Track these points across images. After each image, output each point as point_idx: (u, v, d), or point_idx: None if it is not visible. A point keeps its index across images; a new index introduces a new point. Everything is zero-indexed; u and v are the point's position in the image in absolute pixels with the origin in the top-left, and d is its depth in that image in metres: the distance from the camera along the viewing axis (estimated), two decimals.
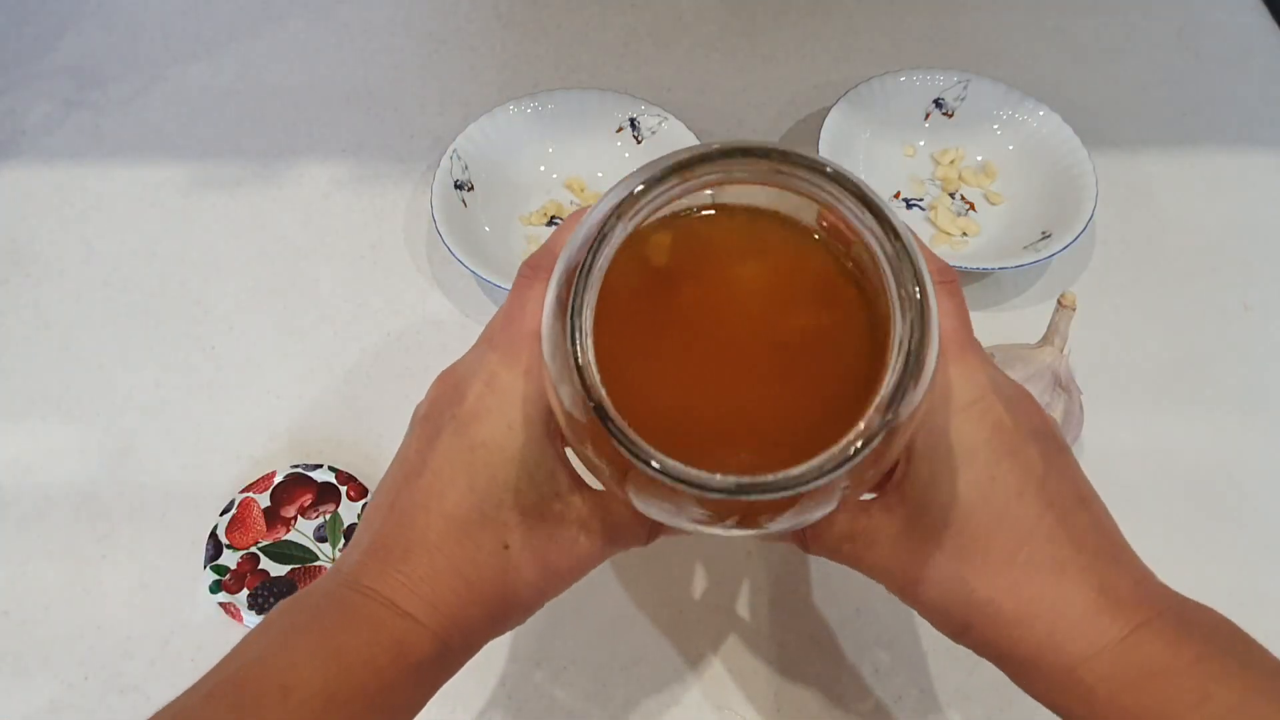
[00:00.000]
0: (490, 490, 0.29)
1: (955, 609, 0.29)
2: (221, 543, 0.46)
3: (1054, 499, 0.28)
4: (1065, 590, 0.28)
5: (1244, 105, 0.65)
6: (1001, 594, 0.28)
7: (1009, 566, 0.28)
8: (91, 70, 0.66)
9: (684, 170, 0.23)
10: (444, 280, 0.56)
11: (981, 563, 0.28)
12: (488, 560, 0.29)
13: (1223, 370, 0.53)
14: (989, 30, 0.70)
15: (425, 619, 0.28)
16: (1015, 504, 0.28)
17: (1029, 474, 0.28)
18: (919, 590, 0.30)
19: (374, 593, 0.28)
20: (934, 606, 0.30)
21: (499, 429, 0.29)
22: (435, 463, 0.30)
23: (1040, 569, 0.28)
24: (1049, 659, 0.28)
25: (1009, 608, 0.28)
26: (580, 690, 0.43)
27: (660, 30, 0.69)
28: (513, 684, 0.43)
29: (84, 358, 0.53)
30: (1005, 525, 0.28)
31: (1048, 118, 0.59)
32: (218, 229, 0.58)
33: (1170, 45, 0.69)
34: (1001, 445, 0.28)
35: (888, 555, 0.30)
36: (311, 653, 0.27)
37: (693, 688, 0.43)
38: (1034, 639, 0.28)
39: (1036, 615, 0.28)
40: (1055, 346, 0.47)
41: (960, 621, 0.29)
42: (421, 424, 0.31)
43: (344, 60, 0.67)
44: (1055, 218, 0.55)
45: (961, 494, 0.28)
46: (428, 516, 0.29)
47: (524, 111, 0.59)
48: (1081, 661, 0.27)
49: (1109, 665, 0.27)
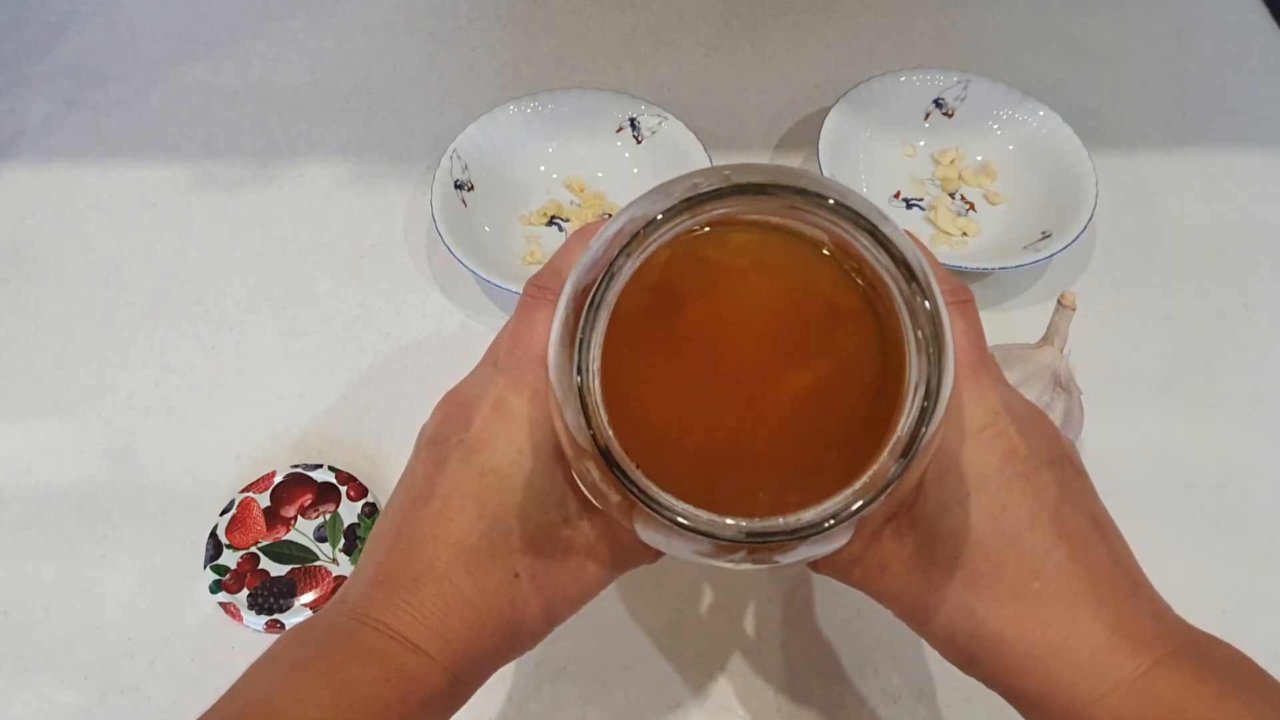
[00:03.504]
0: (499, 518, 0.28)
1: (963, 640, 0.28)
2: (221, 543, 0.46)
3: (1067, 528, 0.28)
4: (1078, 625, 0.27)
5: (1244, 105, 0.65)
6: (1011, 627, 0.27)
7: (1019, 599, 0.27)
8: (91, 70, 0.66)
9: (695, 207, 0.23)
10: (444, 280, 0.56)
11: (991, 594, 0.27)
12: (497, 590, 0.28)
13: (1223, 370, 0.53)
14: (989, 30, 0.70)
15: (435, 653, 0.28)
16: (1027, 533, 0.27)
17: (1042, 502, 0.28)
18: (927, 619, 0.29)
19: (382, 625, 0.28)
20: (942, 636, 0.29)
21: (508, 455, 0.29)
22: (442, 490, 0.29)
23: (1052, 602, 0.27)
24: (1060, 698, 0.27)
25: (1018, 642, 0.27)
26: (580, 690, 0.43)
27: (660, 30, 0.69)
28: (513, 684, 0.43)
29: (84, 358, 0.53)
30: (1016, 555, 0.27)
31: (1048, 118, 0.59)
32: (218, 229, 0.58)
33: (1170, 45, 0.69)
34: (1013, 472, 0.28)
35: (897, 582, 0.29)
36: (319, 690, 0.26)
37: (693, 688, 0.43)
38: (1044, 674, 0.27)
39: (1047, 651, 0.27)
40: (1055, 346, 0.47)
41: (968, 654, 0.28)
42: (428, 448, 0.30)
43: (344, 60, 0.67)
44: (1055, 218, 0.55)
45: (973, 522, 0.28)
46: (436, 545, 0.28)
47: (524, 111, 0.59)
48: (1095, 700, 0.26)
49: (1123, 703, 0.26)
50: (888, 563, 0.29)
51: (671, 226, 0.23)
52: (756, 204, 0.23)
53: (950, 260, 0.53)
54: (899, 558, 0.29)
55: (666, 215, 0.22)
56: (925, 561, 0.28)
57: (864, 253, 0.23)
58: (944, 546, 0.28)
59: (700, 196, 0.22)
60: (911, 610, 0.29)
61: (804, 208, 0.23)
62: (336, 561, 0.45)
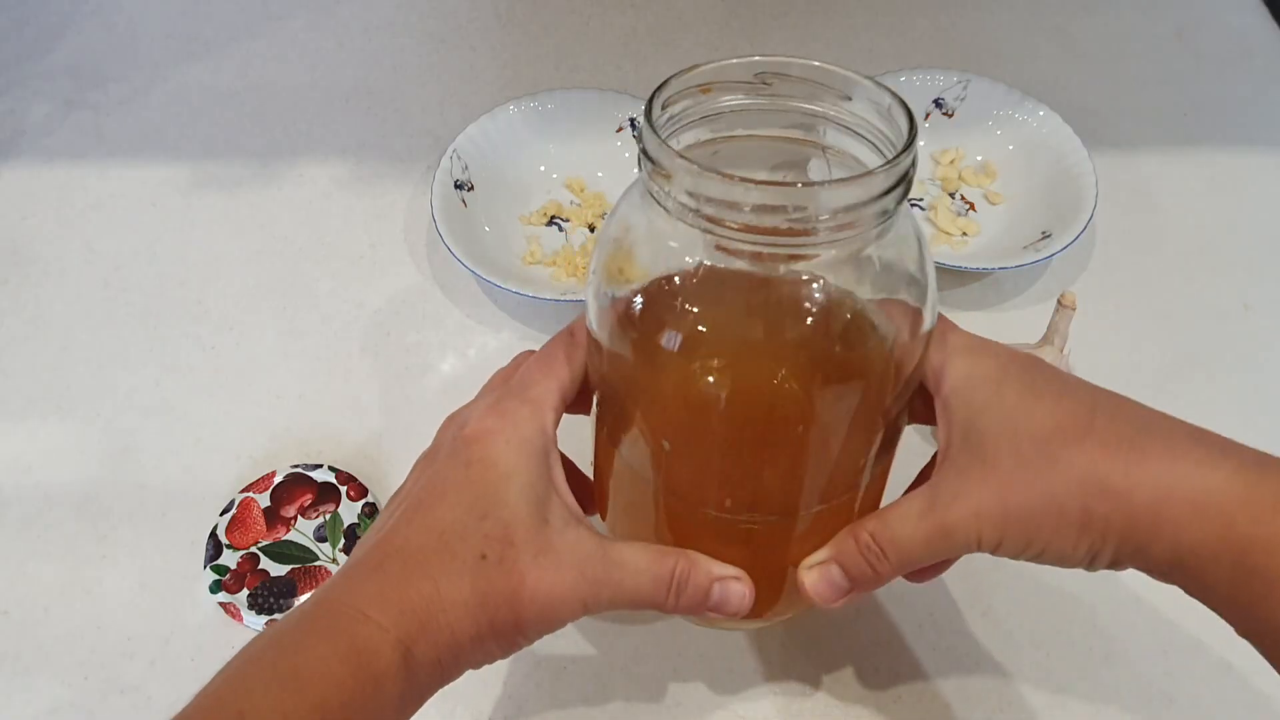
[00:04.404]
0: (476, 502, 0.29)
1: (1063, 494, 0.27)
2: (221, 543, 0.46)
3: (1090, 387, 0.30)
4: (1159, 436, 0.27)
5: (1244, 105, 0.65)
6: (1093, 462, 0.27)
7: (1087, 435, 0.27)
8: (91, 70, 0.66)
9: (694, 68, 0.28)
10: (444, 280, 0.56)
11: (1060, 442, 0.27)
12: (460, 568, 0.28)
13: (1223, 370, 0.53)
14: (989, 30, 0.70)
15: (388, 622, 0.27)
16: (1063, 393, 0.29)
17: (1055, 375, 0.29)
18: (1021, 500, 0.27)
19: (341, 604, 0.28)
20: (1043, 508, 0.27)
21: (496, 446, 0.29)
22: (426, 482, 0.30)
23: (1127, 426, 0.27)
24: (1179, 501, 0.26)
25: (1115, 472, 0.26)
26: (580, 690, 0.43)
27: (660, 30, 0.69)
28: (513, 684, 0.43)
29: (84, 358, 0.53)
30: (1064, 409, 0.28)
31: (1048, 118, 0.59)
32: (218, 229, 0.58)
33: (1170, 45, 0.69)
34: (1020, 364, 0.29)
35: (975, 496, 0.28)
36: (266, 675, 0.26)
37: (693, 688, 0.43)
38: (1152, 483, 0.26)
39: (1144, 458, 0.26)
40: (1055, 346, 0.47)
41: (1079, 509, 0.27)
42: (424, 457, 0.32)
43: (344, 60, 0.67)
44: (1055, 218, 0.55)
45: (1009, 403, 0.28)
46: (409, 528, 0.29)
47: (524, 111, 0.59)
48: (1241, 506, 0.25)
49: (1240, 490, 0.25)
50: (958, 490, 0.28)
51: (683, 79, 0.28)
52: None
53: (950, 260, 0.53)
54: (966, 478, 0.28)
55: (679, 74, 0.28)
56: (988, 460, 0.28)
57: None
58: (995, 439, 0.28)
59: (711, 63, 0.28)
60: (1007, 510, 0.27)
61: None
62: (336, 561, 0.45)
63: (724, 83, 0.29)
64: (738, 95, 0.30)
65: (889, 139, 0.29)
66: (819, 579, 0.30)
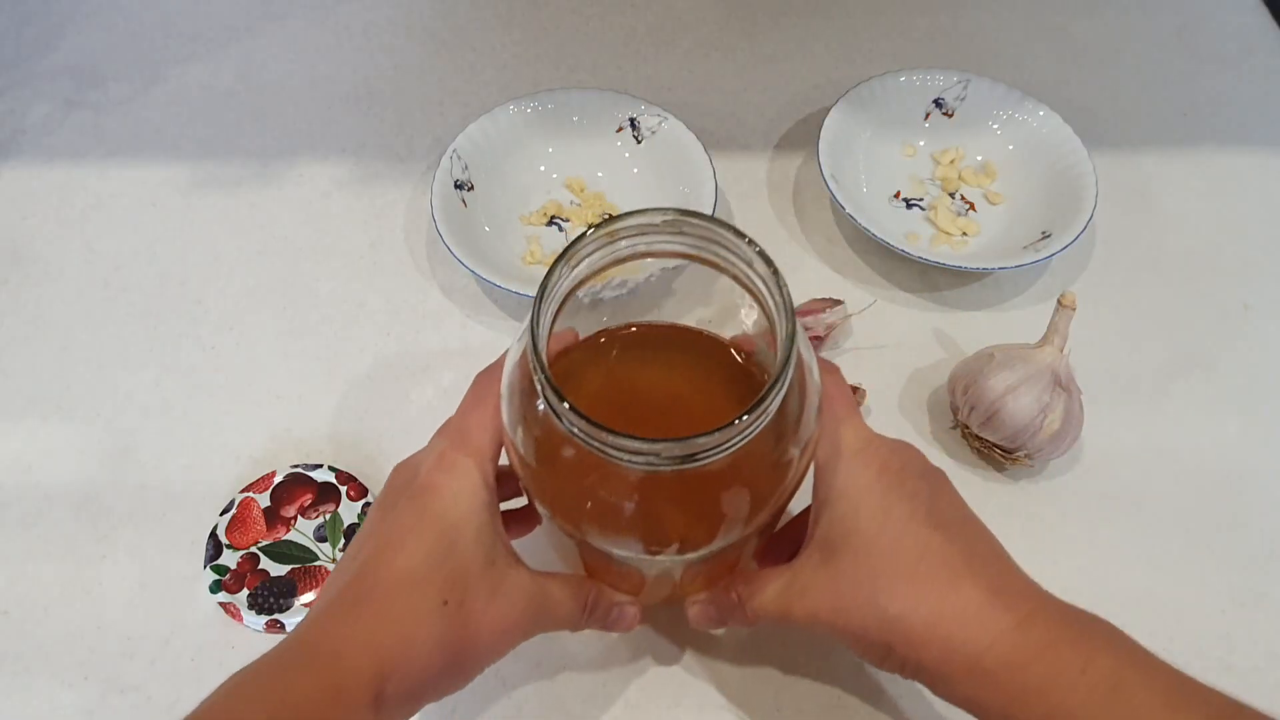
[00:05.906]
0: (433, 551, 0.32)
1: (874, 631, 0.32)
2: (221, 543, 0.46)
3: (942, 520, 0.33)
4: (961, 592, 0.32)
5: (1244, 105, 0.65)
6: (909, 608, 0.32)
7: (911, 580, 0.32)
8: (91, 70, 0.66)
9: (603, 227, 0.30)
10: (444, 280, 0.56)
11: (888, 583, 0.32)
12: (428, 612, 0.32)
13: (1223, 370, 0.53)
14: (989, 30, 0.70)
15: (364, 666, 0.30)
16: (909, 527, 0.33)
17: (917, 501, 0.33)
18: (844, 621, 0.33)
19: (319, 647, 0.31)
20: (859, 634, 0.33)
21: (446, 498, 0.33)
22: (387, 527, 0.33)
23: (938, 579, 0.32)
24: (957, 658, 0.31)
25: (916, 619, 0.32)
26: (580, 690, 0.43)
27: (660, 30, 0.69)
28: (513, 684, 0.43)
29: (84, 358, 0.53)
30: (904, 547, 0.32)
31: (1048, 118, 0.59)
32: (218, 229, 0.58)
33: (1170, 45, 0.69)
34: (890, 480, 0.34)
35: (818, 599, 0.34)
36: (255, 705, 0.29)
37: (693, 688, 0.43)
38: (941, 640, 0.31)
39: (940, 619, 0.31)
40: (1055, 346, 0.47)
41: (881, 643, 0.33)
42: (379, 503, 0.35)
43: (344, 60, 0.67)
44: (1055, 218, 0.55)
45: (863, 527, 0.33)
46: (377, 573, 0.32)
47: (524, 111, 0.59)
48: (984, 651, 0.31)
49: (1007, 649, 0.31)
50: (807, 587, 0.34)
51: (589, 243, 0.30)
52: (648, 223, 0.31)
53: (950, 260, 0.53)
54: (814, 579, 0.34)
55: (585, 236, 0.30)
56: (832, 572, 0.34)
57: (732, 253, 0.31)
58: (844, 554, 0.33)
59: (608, 221, 0.30)
60: (831, 618, 0.34)
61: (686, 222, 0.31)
62: (336, 561, 0.45)
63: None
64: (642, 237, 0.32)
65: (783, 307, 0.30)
66: (699, 612, 0.38)
